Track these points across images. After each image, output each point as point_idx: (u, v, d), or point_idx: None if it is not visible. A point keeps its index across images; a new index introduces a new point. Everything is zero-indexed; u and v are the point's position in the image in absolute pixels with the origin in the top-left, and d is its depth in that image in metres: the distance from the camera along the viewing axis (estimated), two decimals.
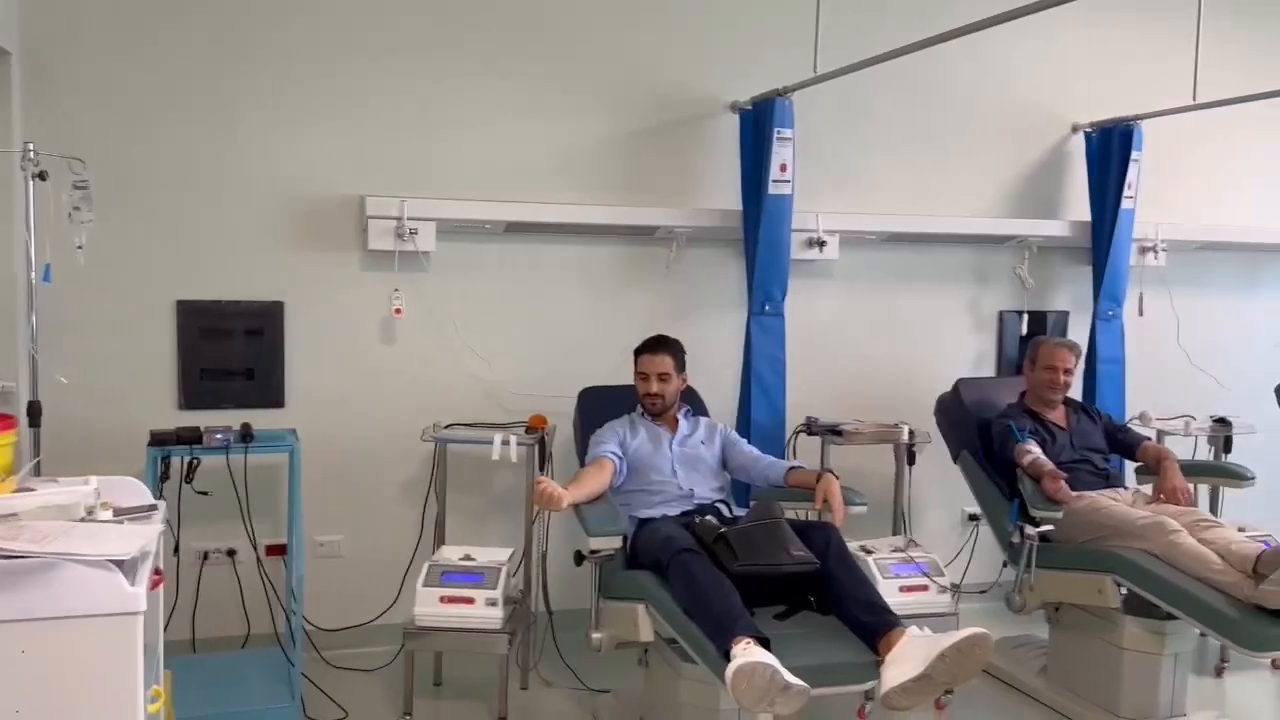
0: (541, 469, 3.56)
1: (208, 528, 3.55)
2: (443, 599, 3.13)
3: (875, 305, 4.37)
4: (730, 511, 3.27)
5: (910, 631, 2.57)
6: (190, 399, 3.62)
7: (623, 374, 3.60)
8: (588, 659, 3.37)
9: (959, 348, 4.48)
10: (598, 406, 3.59)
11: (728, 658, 2.43)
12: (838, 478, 3.20)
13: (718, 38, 4.07)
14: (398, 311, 3.75)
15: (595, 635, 2.96)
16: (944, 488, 4.29)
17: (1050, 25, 4.15)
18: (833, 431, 3.90)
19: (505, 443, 3.45)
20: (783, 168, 3.83)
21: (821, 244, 4.13)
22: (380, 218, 3.66)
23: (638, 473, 3.33)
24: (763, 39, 4.06)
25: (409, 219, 3.66)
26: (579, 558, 3.01)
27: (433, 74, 3.77)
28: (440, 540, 3.62)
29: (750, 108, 3.96)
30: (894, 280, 4.38)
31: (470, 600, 3.13)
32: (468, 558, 3.28)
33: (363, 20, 3.70)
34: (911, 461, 3.98)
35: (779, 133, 3.80)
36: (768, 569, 2.79)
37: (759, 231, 3.87)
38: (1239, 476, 3.74)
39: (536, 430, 3.59)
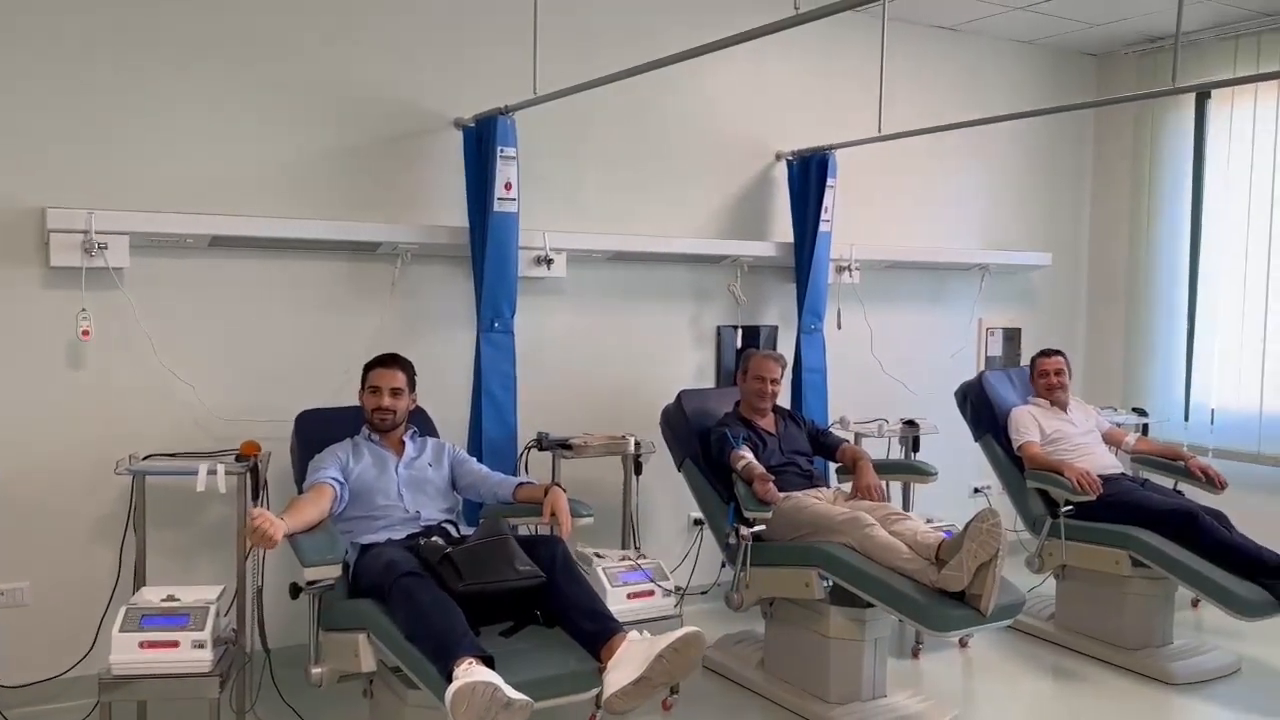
0: (255, 499, 3.36)
1: None
2: (143, 644, 2.88)
3: (603, 321, 4.47)
4: (459, 532, 3.23)
5: (630, 636, 2.66)
6: None
7: (345, 396, 3.47)
8: (310, 696, 3.21)
9: (682, 361, 4.67)
10: (318, 430, 3.44)
11: (450, 680, 2.40)
12: (565, 490, 3.25)
13: (440, 53, 4.02)
14: (85, 334, 3.42)
15: (315, 670, 2.86)
16: (670, 494, 4.45)
17: (757, 59, 4.48)
18: (563, 446, 3.95)
19: (212, 473, 3.23)
20: (507, 186, 3.85)
21: (549, 262, 4.18)
22: (64, 231, 3.35)
23: (361, 497, 3.23)
24: (488, 57, 4.06)
25: (97, 232, 3.36)
26: (295, 590, 2.87)
27: (125, 73, 3.48)
28: (141, 581, 3.33)
29: (473, 125, 3.95)
30: (620, 297, 4.51)
31: (175, 644, 2.90)
32: (171, 598, 3.06)
33: (36, 9, 3.36)
34: (639, 471, 4.09)
35: (502, 151, 3.81)
36: (493, 586, 2.80)
37: (486, 249, 3.86)
38: (925, 473, 4.11)
39: (248, 458, 3.38)
